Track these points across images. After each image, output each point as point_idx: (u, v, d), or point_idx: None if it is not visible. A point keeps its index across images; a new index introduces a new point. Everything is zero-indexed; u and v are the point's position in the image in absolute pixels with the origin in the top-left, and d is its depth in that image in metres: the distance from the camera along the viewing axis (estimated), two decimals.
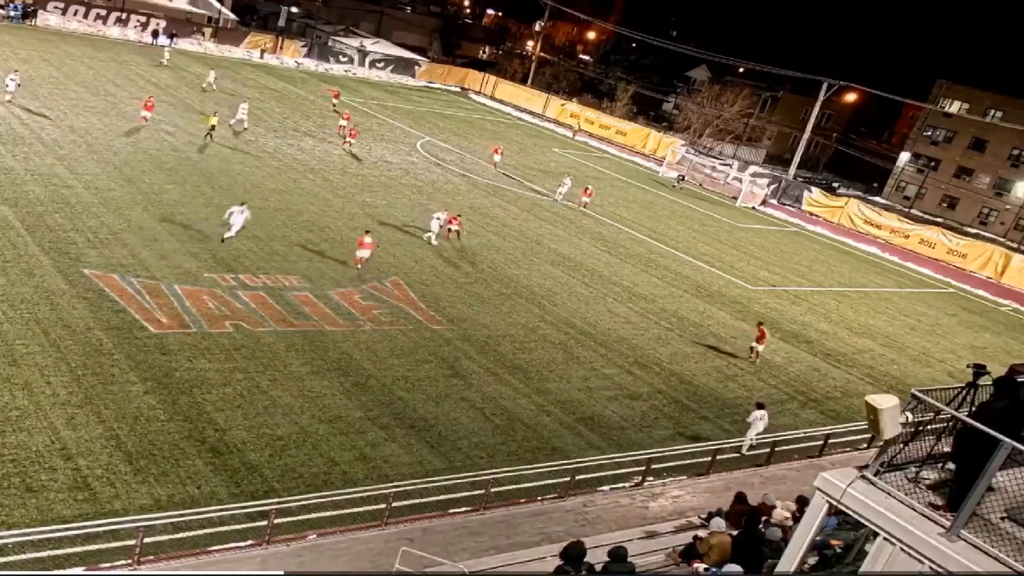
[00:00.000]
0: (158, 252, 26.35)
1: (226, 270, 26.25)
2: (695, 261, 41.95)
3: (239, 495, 16.00)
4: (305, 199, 35.90)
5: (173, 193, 32.40)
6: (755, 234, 53.63)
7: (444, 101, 79.02)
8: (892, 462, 10.06)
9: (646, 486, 19.87)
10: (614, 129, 78.28)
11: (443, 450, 19.28)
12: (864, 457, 19.22)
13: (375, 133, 54.52)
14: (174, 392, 18.86)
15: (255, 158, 40.67)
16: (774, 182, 67.21)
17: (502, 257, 34.62)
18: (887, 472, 9.99)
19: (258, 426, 18.33)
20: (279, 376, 20.69)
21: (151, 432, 17.19)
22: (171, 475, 16.05)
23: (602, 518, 18.04)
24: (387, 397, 20.98)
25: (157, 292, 23.54)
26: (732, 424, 24.37)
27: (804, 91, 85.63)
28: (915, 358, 34.99)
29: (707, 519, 16.86)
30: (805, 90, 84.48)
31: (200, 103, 50.23)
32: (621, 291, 34.05)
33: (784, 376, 29.24)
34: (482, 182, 47.58)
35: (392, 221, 35.73)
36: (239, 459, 17.05)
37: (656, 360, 27.74)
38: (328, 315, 24.88)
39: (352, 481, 17.27)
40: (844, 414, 27.20)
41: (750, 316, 34.81)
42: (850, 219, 62.03)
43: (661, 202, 56.12)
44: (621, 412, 23.41)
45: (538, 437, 20.95)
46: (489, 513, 17.19)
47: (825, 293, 42.25)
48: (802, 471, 22.10)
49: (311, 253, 29.58)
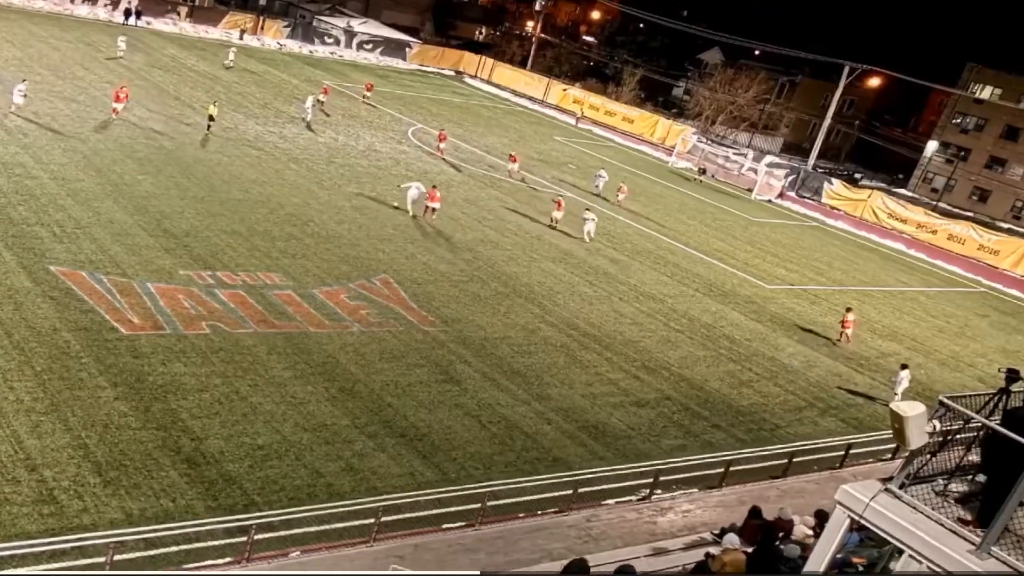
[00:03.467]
0: (129, 247, 26.33)
1: (203, 267, 26.24)
2: (707, 258, 41.98)
3: (216, 509, 15.99)
4: (288, 191, 35.90)
5: (146, 184, 32.38)
6: (771, 229, 53.65)
7: (437, 86, 78.99)
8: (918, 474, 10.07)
9: (654, 499, 19.88)
10: (620, 116, 78.31)
11: (436, 461, 19.28)
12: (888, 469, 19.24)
13: (363, 120, 54.51)
14: (147, 398, 18.85)
15: (234, 147, 40.65)
16: (792, 173, 67.23)
17: (500, 253, 34.64)
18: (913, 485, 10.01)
19: (237, 435, 18.32)
20: (260, 381, 20.68)
21: (122, 441, 17.18)
22: (143, 487, 16.04)
23: (607, 534, 18.04)
24: (376, 404, 20.99)
25: (128, 291, 23.53)
26: (746, 433, 24.40)
27: (824, 75, 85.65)
28: (943, 362, 35.03)
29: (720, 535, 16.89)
30: (825, 74, 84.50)
31: (175, 86, 50.22)
32: (627, 290, 34.07)
33: (802, 381, 29.28)
34: (478, 172, 47.58)
35: (380, 213, 35.72)
36: (216, 470, 17.04)
37: (665, 364, 27.77)
38: (312, 315, 24.88)
39: (338, 494, 17.27)
40: (867, 422, 27.23)
41: (766, 317, 34.86)
42: (873, 213, 62.08)
43: (671, 194, 56.17)
44: (627, 420, 23.42)
45: (538, 447, 20.96)
46: (485, 529, 17.19)
47: (847, 293, 42.26)
48: (822, 484, 22.11)
49: (294, 249, 29.57)
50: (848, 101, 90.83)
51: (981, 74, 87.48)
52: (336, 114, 53.80)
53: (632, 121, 77.38)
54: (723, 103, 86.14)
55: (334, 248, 30.55)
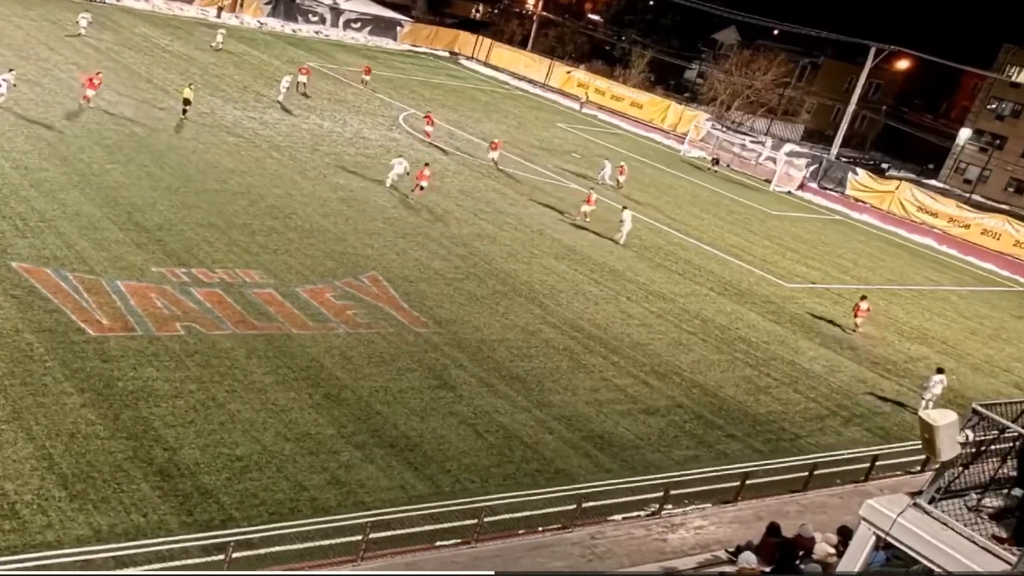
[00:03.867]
0: (98, 242, 26.33)
1: (177, 263, 26.24)
2: (722, 254, 42.00)
3: (192, 525, 15.99)
4: (269, 181, 35.90)
5: (115, 174, 32.38)
6: (791, 223, 53.68)
7: (430, 68, 79.00)
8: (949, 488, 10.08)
9: (664, 515, 19.90)
10: (628, 101, 78.34)
11: (429, 473, 19.29)
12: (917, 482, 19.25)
13: (350, 104, 54.51)
14: (116, 405, 18.85)
15: (211, 133, 40.65)
16: (814, 163, 67.30)
17: (498, 249, 34.65)
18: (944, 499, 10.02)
19: (214, 444, 18.33)
20: (238, 387, 20.69)
21: (90, 451, 17.18)
22: (113, 501, 16.04)
23: (613, 552, 18.06)
24: (364, 411, 21.00)
25: (96, 289, 23.52)
26: (764, 443, 24.42)
27: (849, 57, 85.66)
28: (976, 367, 35.07)
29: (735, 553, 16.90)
30: (850, 56, 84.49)
31: (147, 68, 50.20)
32: (636, 289, 34.09)
33: (825, 388, 29.30)
34: (474, 162, 47.60)
35: (369, 205, 35.72)
36: (191, 483, 17.04)
37: (676, 369, 27.78)
38: (295, 316, 24.88)
39: (323, 509, 17.28)
40: (894, 432, 27.26)
41: (785, 318, 34.88)
42: (901, 206, 62.12)
43: (683, 185, 56.20)
44: (635, 429, 23.44)
45: (539, 458, 20.98)
46: (482, 546, 17.19)
47: (872, 291, 42.27)
48: (845, 498, 22.12)
49: (276, 243, 29.57)
50: (874, 85, 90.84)
51: (1018, 56, 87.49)
52: (321, 98, 53.80)
53: (641, 106, 77.39)
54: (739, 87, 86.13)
55: (319, 243, 30.55)
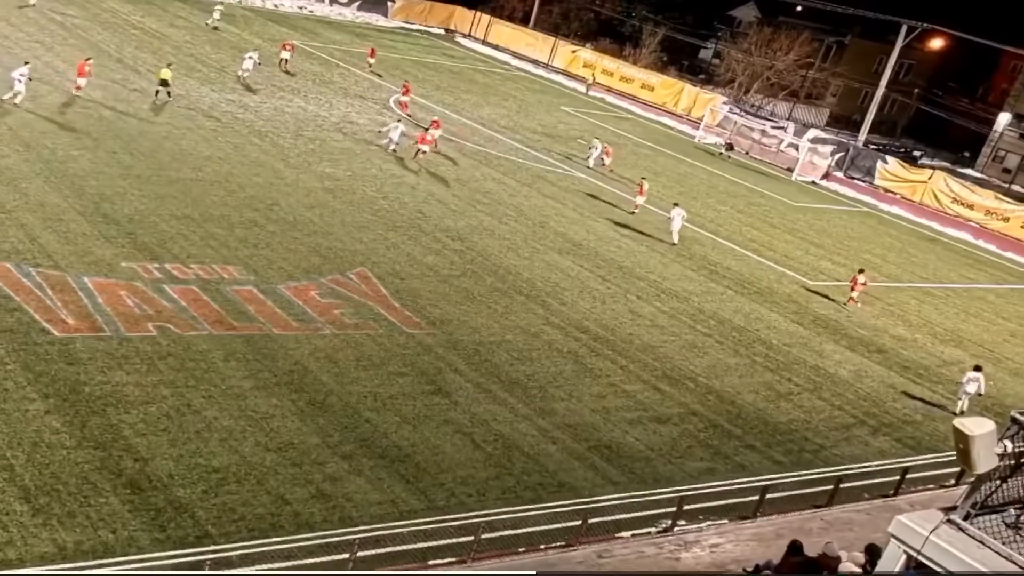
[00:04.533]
0: (63, 235, 26.32)
1: (149, 258, 26.24)
2: (740, 249, 42.00)
3: (164, 542, 15.99)
4: (249, 169, 35.89)
5: (82, 161, 32.37)
6: (815, 215, 53.67)
7: (424, 46, 78.95)
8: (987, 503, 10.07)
9: (677, 532, 19.90)
10: (638, 82, 78.32)
11: (421, 486, 19.30)
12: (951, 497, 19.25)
13: (337, 86, 54.50)
14: (83, 412, 18.85)
15: (186, 117, 40.63)
16: (840, 150, 67.29)
17: (497, 243, 34.65)
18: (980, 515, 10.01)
19: (188, 455, 18.32)
20: (215, 392, 20.69)
21: (54, 462, 17.18)
22: (79, 516, 16.04)
23: (621, 572, 18.06)
24: (351, 419, 21.00)
25: (62, 286, 23.52)
26: (785, 454, 24.43)
27: (878, 36, 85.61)
28: (1016, 372, 35.07)
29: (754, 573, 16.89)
30: (879, 34, 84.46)
31: (117, 46, 50.17)
32: (646, 286, 34.10)
33: (851, 394, 29.31)
34: (470, 148, 47.60)
35: (357, 196, 35.70)
36: (164, 496, 17.04)
37: (690, 374, 27.79)
38: (277, 315, 24.89)
39: (307, 524, 17.28)
40: (926, 442, 27.25)
41: (808, 319, 34.88)
42: (935, 197, 62.10)
43: (697, 174, 56.18)
44: (646, 439, 23.45)
45: (541, 470, 20.98)
46: (479, 565, 17.19)
47: (903, 290, 42.30)
48: (873, 514, 22.13)
49: (256, 237, 29.57)
50: (906, 66, 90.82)
51: None
52: (306, 79, 53.80)
53: (652, 89, 77.38)
54: (759, 68, 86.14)
55: (303, 237, 30.55)
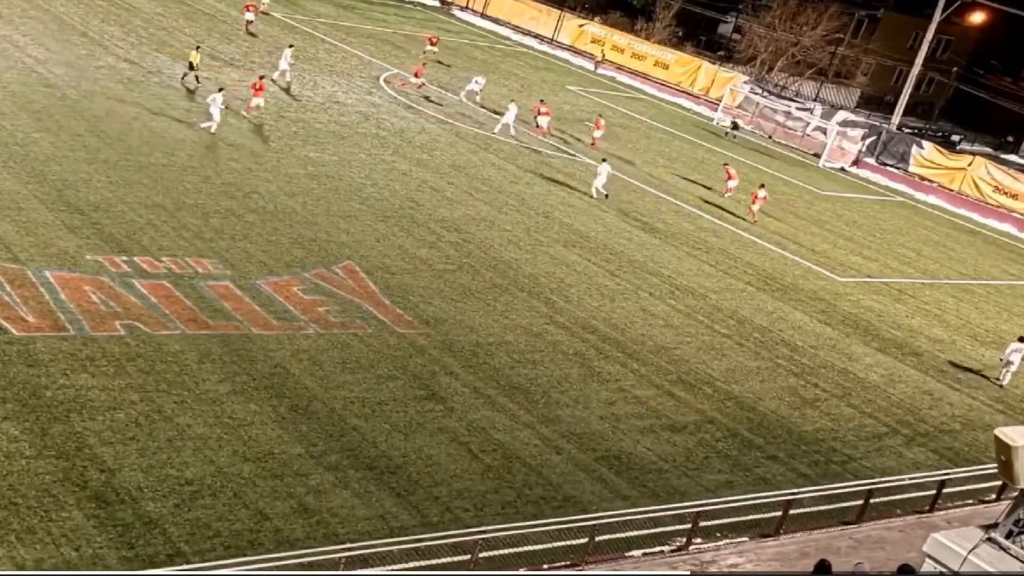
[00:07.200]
0: (22, 225, 26.31)
1: (116, 250, 26.23)
2: (761, 242, 41.99)
3: (133, 560, 15.99)
4: (226, 154, 35.89)
5: (44, 144, 32.36)
6: (844, 205, 53.64)
7: (418, 20, 78.87)
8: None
9: (692, 550, 19.91)
10: (651, 60, 78.25)
11: (413, 500, 19.30)
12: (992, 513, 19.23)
13: (323, 63, 54.44)
14: (44, 418, 18.85)
15: (157, 97, 40.60)
16: (871, 134, 67.22)
17: (497, 234, 34.66)
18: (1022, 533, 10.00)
19: (159, 465, 18.32)
20: (188, 397, 20.69)
21: (12, 473, 17.18)
22: (39, 532, 16.05)
23: None
24: (337, 427, 21.00)
25: (21, 280, 23.51)
26: (811, 466, 24.41)
27: (913, 9, 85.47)
28: None
29: None
30: (914, 8, 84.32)
31: (81, 19, 50.10)
32: (659, 283, 34.10)
33: (883, 401, 29.30)
34: (468, 131, 47.56)
35: (344, 182, 35.70)
36: (133, 510, 17.05)
37: (707, 378, 27.80)
38: (256, 313, 24.88)
39: (288, 541, 17.29)
40: (965, 453, 27.26)
41: (836, 318, 34.87)
42: (975, 185, 62.07)
43: (715, 160, 56.12)
44: (659, 449, 23.45)
45: (544, 483, 20.99)
46: None
47: (940, 287, 42.28)
48: (907, 531, 22.14)
49: (233, 228, 29.57)
50: (944, 42, 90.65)
51: None
52: None
53: (667, 67, 77.32)
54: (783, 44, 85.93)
55: (284, 227, 30.54)
